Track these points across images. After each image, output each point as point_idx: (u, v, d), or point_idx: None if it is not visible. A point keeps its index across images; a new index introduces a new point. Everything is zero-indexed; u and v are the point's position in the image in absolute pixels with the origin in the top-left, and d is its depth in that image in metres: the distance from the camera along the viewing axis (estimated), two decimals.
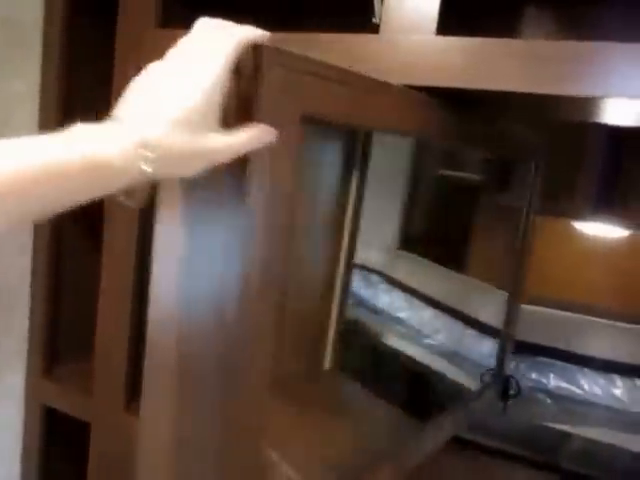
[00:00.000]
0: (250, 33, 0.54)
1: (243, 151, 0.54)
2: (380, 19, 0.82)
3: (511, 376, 1.29)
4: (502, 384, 1.28)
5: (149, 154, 0.48)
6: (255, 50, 0.54)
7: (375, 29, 0.82)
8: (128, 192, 0.51)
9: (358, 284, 1.22)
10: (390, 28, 0.81)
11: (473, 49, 0.73)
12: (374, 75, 0.78)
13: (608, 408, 1.42)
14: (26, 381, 1.15)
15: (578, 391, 1.44)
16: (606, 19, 0.87)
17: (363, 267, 1.23)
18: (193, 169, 0.53)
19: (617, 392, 1.43)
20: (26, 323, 1.13)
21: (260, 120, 0.54)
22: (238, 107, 0.55)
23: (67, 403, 1.11)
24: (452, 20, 0.80)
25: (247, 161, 0.56)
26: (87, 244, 1.16)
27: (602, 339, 1.43)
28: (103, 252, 1.00)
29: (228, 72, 0.52)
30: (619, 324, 1.43)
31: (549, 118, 1.08)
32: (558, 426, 1.33)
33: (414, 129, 0.81)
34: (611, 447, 1.28)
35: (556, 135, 1.20)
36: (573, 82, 0.68)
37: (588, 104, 0.77)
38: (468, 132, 0.94)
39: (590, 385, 1.44)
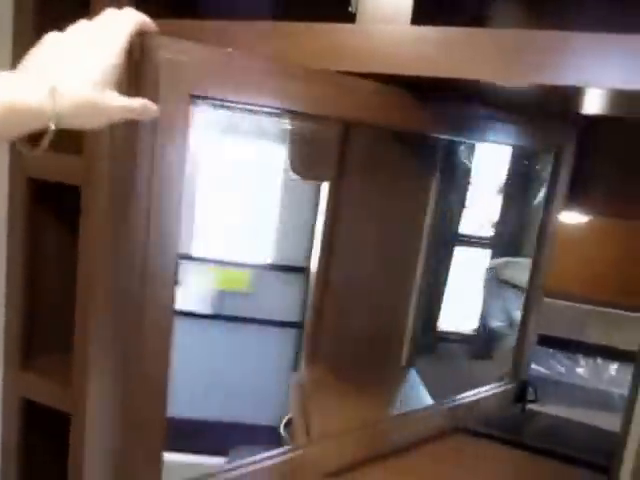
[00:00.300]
0: (142, 20, 0.63)
1: (136, 115, 0.62)
2: (356, 9, 0.84)
3: (529, 381, 1.29)
4: (519, 388, 1.27)
5: (60, 101, 0.54)
6: (142, 37, 0.63)
7: (351, 19, 0.84)
8: (26, 138, 0.57)
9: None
10: (366, 18, 0.83)
11: (447, 39, 0.76)
12: (350, 64, 0.80)
13: (572, 386, 1.48)
14: (4, 373, 1.14)
15: (544, 370, 1.50)
16: (574, 8, 0.91)
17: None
18: (95, 122, 0.60)
19: (580, 371, 1.49)
20: (1, 316, 1.12)
21: (146, 97, 0.63)
22: (129, 85, 0.64)
23: (46, 394, 1.11)
24: (426, 10, 0.82)
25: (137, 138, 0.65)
26: (63, 237, 1.15)
27: (565, 321, 1.48)
28: (79, 244, 0.99)
29: (124, 49, 0.60)
30: (580, 306, 1.48)
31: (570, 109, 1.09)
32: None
33: (340, 114, 0.84)
34: (575, 423, 1.33)
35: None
36: (545, 71, 0.71)
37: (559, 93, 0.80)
38: (460, 123, 0.97)
39: (555, 364, 1.49)
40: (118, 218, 0.74)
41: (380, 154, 1.12)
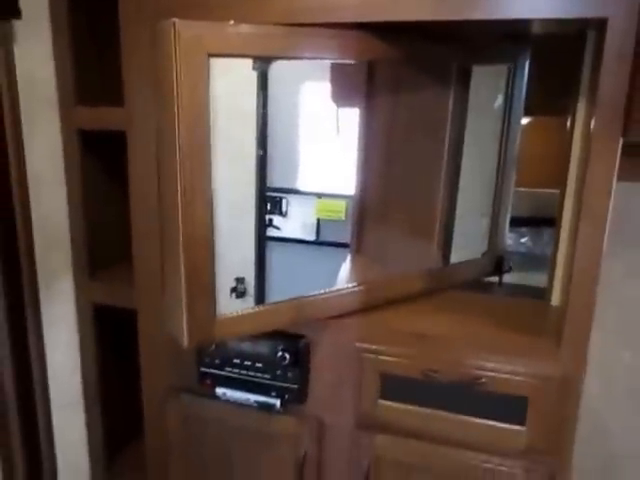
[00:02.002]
0: None
1: None
2: None
3: (503, 256, 1.53)
4: (496, 262, 1.53)
5: None
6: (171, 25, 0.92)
7: None
8: None
9: None
10: None
11: None
12: (309, 14, 1.08)
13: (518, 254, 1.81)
14: (75, 284, 1.44)
15: None
16: None
17: None
18: None
19: (524, 240, 1.84)
20: (68, 239, 1.41)
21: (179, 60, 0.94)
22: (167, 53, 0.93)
23: (113, 297, 1.42)
24: None
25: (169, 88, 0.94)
26: (110, 174, 1.44)
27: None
28: (130, 174, 1.27)
29: None
30: (521, 189, 1.79)
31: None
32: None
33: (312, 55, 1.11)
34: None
35: None
36: (475, 9, 1.00)
37: None
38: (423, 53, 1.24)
39: None
40: (160, 153, 1.03)
41: (401, 81, 1.41)
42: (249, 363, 1.31)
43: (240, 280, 1.24)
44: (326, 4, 1.07)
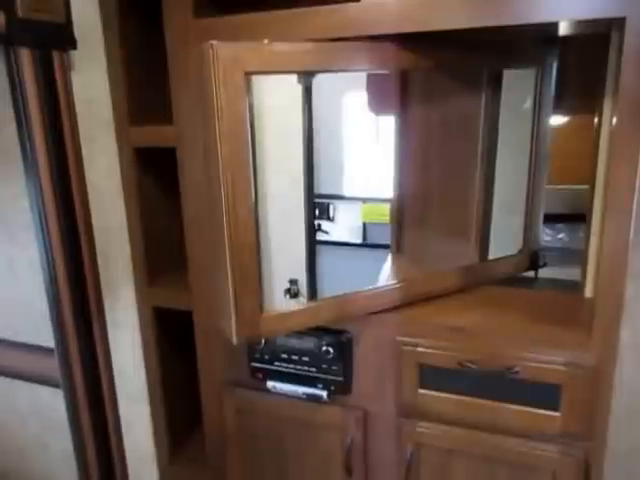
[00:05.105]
0: None
1: None
2: None
3: (537, 252, 1.60)
4: (531, 257, 1.60)
5: None
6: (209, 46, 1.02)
7: None
8: None
9: None
10: None
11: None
12: (349, 28, 1.16)
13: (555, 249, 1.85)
14: (136, 290, 1.56)
15: None
16: None
17: None
18: None
19: (561, 236, 1.88)
20: (128, 248, 1.53)
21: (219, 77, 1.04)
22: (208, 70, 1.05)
23: (171, 300, 1.53)
24: None
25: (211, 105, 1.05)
26: (163, 189, 1.56)
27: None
28: (182, 187, 1.39)
29: None
30: (557, 186, 1.83)
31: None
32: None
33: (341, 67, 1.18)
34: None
35: None
36: (504, 14, 1.06)
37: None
38: (452, 59, 1.29)
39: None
40: (207, 165, 1.13)
41: (434, 86, 1.48)
42: (296, 357, 1.40)
43: (293, 282, 1.33)
44: (366, 18, 1.15)
